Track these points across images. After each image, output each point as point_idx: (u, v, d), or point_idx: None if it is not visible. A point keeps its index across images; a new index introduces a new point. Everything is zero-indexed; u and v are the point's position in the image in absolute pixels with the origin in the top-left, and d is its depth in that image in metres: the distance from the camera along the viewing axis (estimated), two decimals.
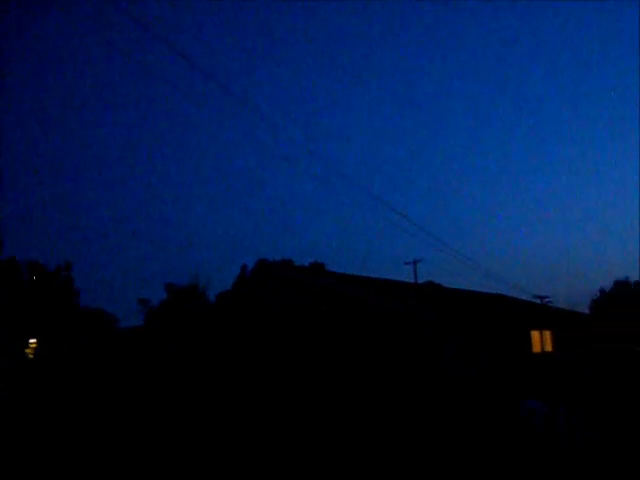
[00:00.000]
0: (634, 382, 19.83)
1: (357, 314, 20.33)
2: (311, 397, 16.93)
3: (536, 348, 29.81)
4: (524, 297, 35.36)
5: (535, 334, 30.21)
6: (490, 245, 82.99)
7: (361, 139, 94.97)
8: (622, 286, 51.18)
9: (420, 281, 31.32)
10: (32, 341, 26.16)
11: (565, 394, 19.92)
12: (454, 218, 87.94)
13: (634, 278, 51.35)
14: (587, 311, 50.01)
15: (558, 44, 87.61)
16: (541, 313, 32.68)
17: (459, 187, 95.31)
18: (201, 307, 27.10)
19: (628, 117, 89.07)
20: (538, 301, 36.81)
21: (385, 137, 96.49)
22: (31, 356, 25.41)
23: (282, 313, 21.54)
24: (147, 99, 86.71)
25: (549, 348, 30.87)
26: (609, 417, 14.15)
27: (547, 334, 31.29)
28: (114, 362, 22.71)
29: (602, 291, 52.53)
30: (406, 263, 31.34)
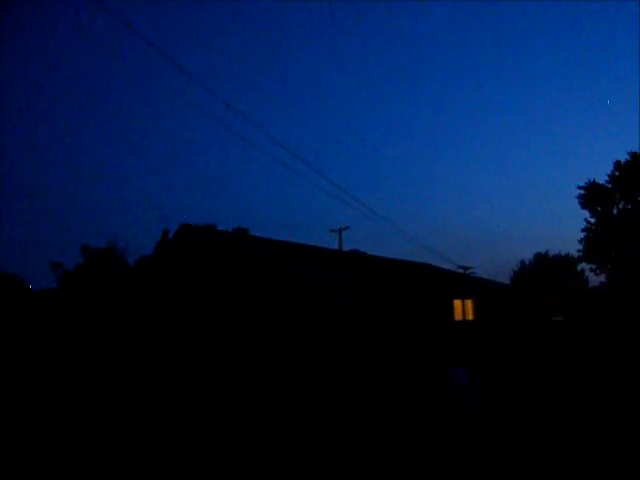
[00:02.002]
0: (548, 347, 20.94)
1: (280, 280, 19.91)
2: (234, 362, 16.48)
3: (458, 316, 30.50)
4: (448, 267, 36.03)
5: (457, 303, 30.88)
6: (418, 215, 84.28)
7: (291, 101, 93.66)
8: (541, 259, 53.24)
9: (346, 249, 31.25)
10: None
11: (482, 359, 20.52)
12: (382, 186, 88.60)
13: (553, 252, 53.50)
14: (508, 282, 51.83)
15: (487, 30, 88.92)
16: (463, 283, 33.41)
17: (390, 154, 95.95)
18: (120, 270, 25.93)
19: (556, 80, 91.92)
20: (462, 271, 37.66)
21: (316, 99, 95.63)
22: None
23: (206, 279, 20.86)
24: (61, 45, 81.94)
25: (470, 317, 31.68)
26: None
27: (469, 303, 32.06)
28: (22, 328, 21.36)
29: (522, 263, 54.49)
30: (331, 231, 31.16)
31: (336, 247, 32.79)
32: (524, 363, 19.58)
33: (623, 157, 32.51)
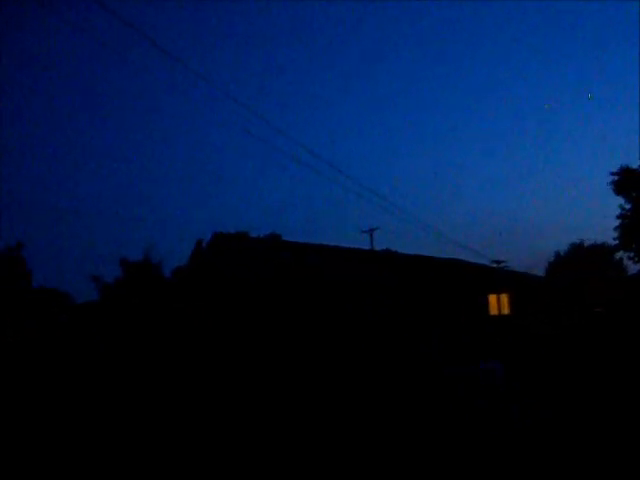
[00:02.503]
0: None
1: (314, 284, 20.20)
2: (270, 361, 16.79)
3: (493, 311, 30.33)
4: (483, 262, 35.89)
5: (492, 298, 30.70)
6: (449, 212, 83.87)
7: (316, 106, 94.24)
8: (577, 249, 52.38)
9: (378, 249, 31.37)
10: None
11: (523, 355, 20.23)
12: (411, 185, 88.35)
13: (589, 241, 52.56)
14: (543, 274, 51.13)
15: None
16: (497, 277, 33.19)
17: (416, 154, 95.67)
18: (158, 282, 26.57)
19: (587, 80, 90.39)
20: (495, 265, 37.44)
21: (340, 104, 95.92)
22: None
23: (240, 286, 21.26)
24: (86, 60, 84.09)
25: (506, 311, 31.45)
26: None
27: (504, 297, 31.83)
28: (67, 341, 22.11)
29: (557, 254, 53.73)
30: (362, 231, 31.27)
31: (368, 247, 32.91)
32: (558, 358, 19.28)
33: None
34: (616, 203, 34.65)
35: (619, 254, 43.56)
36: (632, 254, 35.23)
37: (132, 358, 18.76)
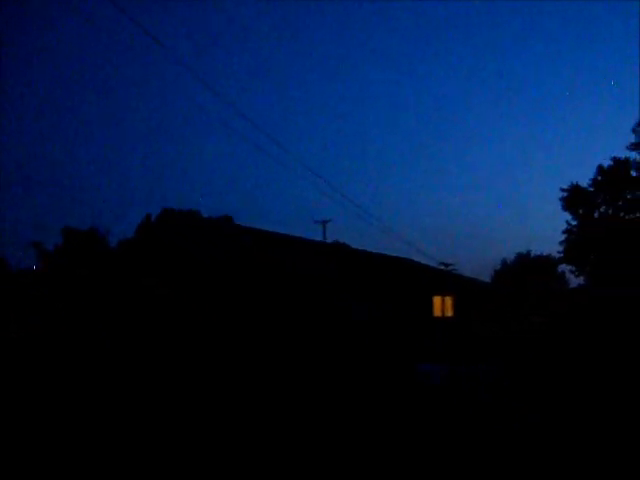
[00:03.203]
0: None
1: (277, 273, 20.04)
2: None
3: (437, 313, 30.67)
4: (430, 263, 36.26)
5: (437, 299, 31.05)
6: (403, 211, 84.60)
7: (282, 95, 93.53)
8: (522, 259, 53.59)
9: (329, 241, 31.34)
10: None
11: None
12: (367, 182, 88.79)
13: (535, 252, 53.77)
14: (489, 280, 52.17)
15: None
16: (444, 279, 33.63)
17: (376, 152, 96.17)
18: (103, 252, 25.76)
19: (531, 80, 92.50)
20: (443, 267, 37.92)
21: (305, 95, 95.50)
22: None
23: (189, 264, 20.85)
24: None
25: (449, 313, 31.87)
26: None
27: (448, 300, 32.23)
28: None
29: (504, 262, 54.82)
30: (315, 222, 31.13)
31: (319, 238, 32.85)
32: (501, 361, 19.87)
33: (607, 162, 32.89)
34: (564, 218, 35.72)
35: (562, 267, 44.94)
36: (574, 268, 36.41)
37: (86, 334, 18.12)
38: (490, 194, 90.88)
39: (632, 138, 28.00)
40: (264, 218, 79.84)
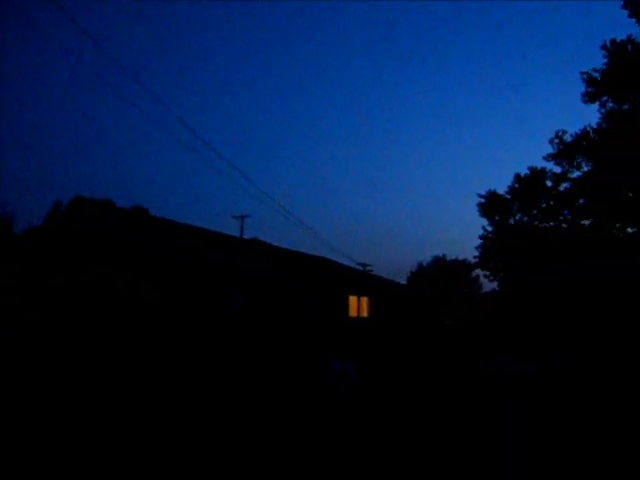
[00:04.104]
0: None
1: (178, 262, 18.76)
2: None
3: (353, 313, 30.28)
4: (348, 263, 35.80)
5: (353, 299, 30.65)
6: (323, 210, 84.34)
7: (196, 83, 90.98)
8: (438, 261, 54.51)
9: (247, 237, 30.20)
10: None
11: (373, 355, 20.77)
12: (288, 180, 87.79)
13: (451, 256, 54.86)
14: (405, 282, 52.69)
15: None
16: (361, 280, 33.28)
17: (300, 149, 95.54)
18: (7, 238, 23.43)
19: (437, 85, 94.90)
20: (360, 268, 37.62)
21: (232, 92, 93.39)
22: None
23: (101, 257, 19.21)
24: None
25: (365, 314, 31.60)
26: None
27: (364, 300, 31.96)
28: None
29: (420, 264, 55.55)
30: (234, 217, 29.94)
31: (237, 234, 31.63)
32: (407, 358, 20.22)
33: (524, 171, 33.65)
34: (481, 223, 36.32)
35: (477, 271, 45.94)
36: (489, 273, 37.12)
37: None
38: (410, 198, 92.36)
39: (550, 149, 28.60)
40: (181, 212, 77.39)
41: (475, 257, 37.58)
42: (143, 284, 15.62)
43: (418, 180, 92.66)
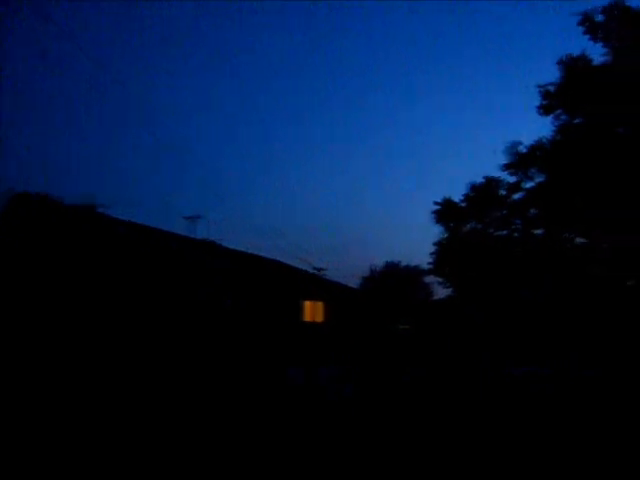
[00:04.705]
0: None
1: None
2: None
3: (307, 317, 30.03)
4: (304, 267, 35.54)
5: (308, 304, 30.39)
6: (278, 213, 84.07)
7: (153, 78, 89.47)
8: (391, 267, 54.73)
9: (200, 237, 29.49)
10: None
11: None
12: (247, 182, 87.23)
13: (405, 262, 55.08)
14: (357, 287, 52.63)
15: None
16: (315, 284, 33.08)
17: (258, 151, 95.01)
18: None
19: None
20: (315, 272, 37.41)
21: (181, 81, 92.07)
22: None
23: (51, 257, 18.37)
24: None
25: (320, 319, 31.39)
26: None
27: (319, 305, 31.74)
28: None
29: (372, 269, 55.63)
30: (185, 218, 29.10)
31: (190, 235, 30.89)
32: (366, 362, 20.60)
33: (479, 180, 34.00)
34: (436, 230, 36.49)
35: (429, 278, 46.27)
36: (442, 280, 37.39)
37: None
38: (365, 204, 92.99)
39: (505, 159, 28.94)
40: (133, 210, 75.35)
41: (429, 263, 37.77)
42: None
43: (375, 187, 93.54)
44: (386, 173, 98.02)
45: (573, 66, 24.27)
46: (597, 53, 23.92)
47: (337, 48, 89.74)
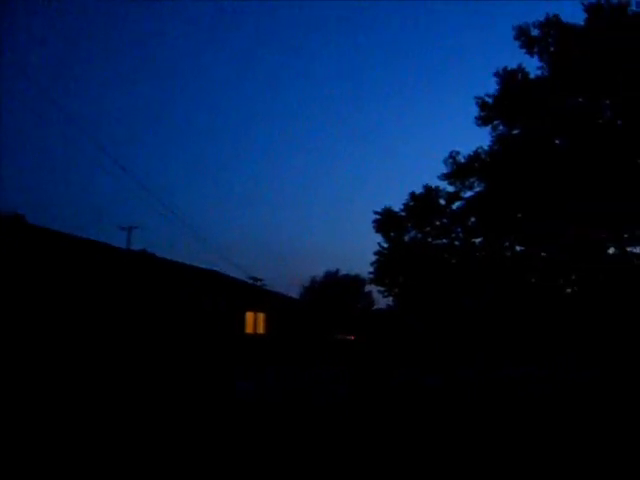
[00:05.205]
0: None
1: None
2: None
3: (249, 329, 29.37)
4: (240, 277, 34.78)
5: (249, 316, 29.74)
6: (216, 222, 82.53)
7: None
8: (331, 276, 54.73)
9: (136, 248, 28.36)
10: None
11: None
12: (183, 190, 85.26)
13: (344, 271, 55.21)
14: (297, 296, 52.27)
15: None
16: (257, 295, 32.44)
17: (197, 157, 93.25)
18: None
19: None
20: (252, 282, 36.73)
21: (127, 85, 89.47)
22: None
23: None
24: None
25: (261, 330, 30.78)
26: None
27: (260, 316, 31.12)
28: None
29: (313, 279, 55.50)
30: (121, 228, 28.04)
31: (127, 246, 29.69)
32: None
33: (419, 189, 34.28)
34: (377, 240, 36.53)
35: (369, 287, 46.38)
36: (383, 289, 37.43)
37: None
38: (304, 213, 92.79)
39: (444, 169, 29.23)
40: (65, 220, 72.24)
41: (370, 273, 37.75)
42: None
43: (313, 195, 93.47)
44: (325, 180, 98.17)
45: (510, 79, 24.78)
46: (533, 66, 24.52)
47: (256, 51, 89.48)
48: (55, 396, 12.23)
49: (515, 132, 25.69)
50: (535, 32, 23.86)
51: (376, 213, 35.74)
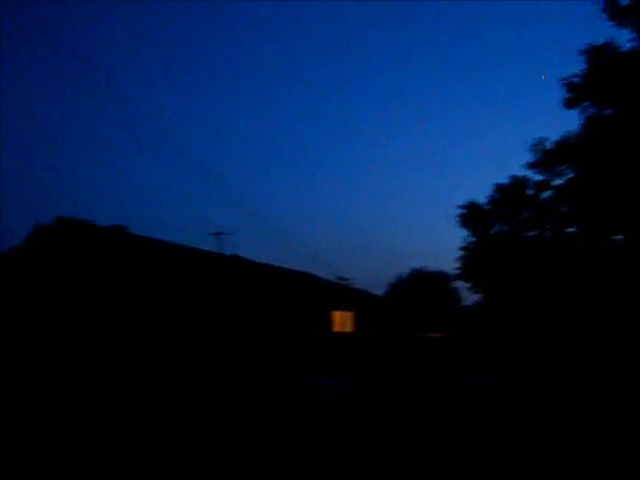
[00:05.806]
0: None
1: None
2: None
3: (337, 328, 29.50)
4: (328, 277, 35.10)
5: (337, 315, 29.86)
6: (300, 223, 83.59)
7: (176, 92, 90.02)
8: (418, 274, 53.97)
9: (228, 252, 29.25)
10: None
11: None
12: (270, 195, 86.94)
13: (431, 268, 54.28)
14: (383, 295, 51.91)
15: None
16: (344, 294, 32.55)
17: (280, 162, 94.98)
18: None
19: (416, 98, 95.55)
20: (340, 282, 36.91)
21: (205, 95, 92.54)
22: None
23: (80, 274, 18.40)
24: None
25: (349, 329, 30.82)
26: None
27: (348, 315, 31.18)
28: None
29: (399, 277, 54.93)
30: (212, 234, 29.02)
31: (221, 251, 30.64)
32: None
33: (503, 180, 33.29)
34: (461, 235, 35.85)
35: (456, 283, 45.49)
36: (470, 285, 36.59)
37: None
38: (390, 210, 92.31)
39: (529, 158, 28.11)
40: (161, 229, 75.75)
41: (456, 269, 37.01)
42: None
43: (399, 192, 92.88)
44: (408, 177, 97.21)
45: (598, 55, 23.46)
46: (623, 39, 23.06)
47: (360, 52, 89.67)
48: (156, 394, 12.92)
49: (607, 112, 24.31)
50: (625, 1, 22.45)
51: (461, 207, 35.01)
